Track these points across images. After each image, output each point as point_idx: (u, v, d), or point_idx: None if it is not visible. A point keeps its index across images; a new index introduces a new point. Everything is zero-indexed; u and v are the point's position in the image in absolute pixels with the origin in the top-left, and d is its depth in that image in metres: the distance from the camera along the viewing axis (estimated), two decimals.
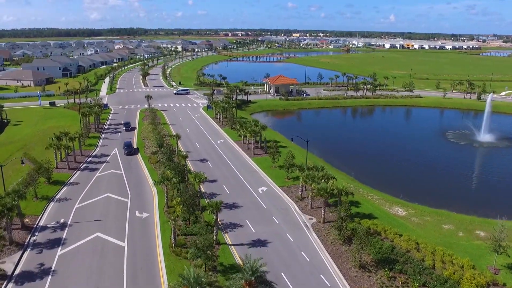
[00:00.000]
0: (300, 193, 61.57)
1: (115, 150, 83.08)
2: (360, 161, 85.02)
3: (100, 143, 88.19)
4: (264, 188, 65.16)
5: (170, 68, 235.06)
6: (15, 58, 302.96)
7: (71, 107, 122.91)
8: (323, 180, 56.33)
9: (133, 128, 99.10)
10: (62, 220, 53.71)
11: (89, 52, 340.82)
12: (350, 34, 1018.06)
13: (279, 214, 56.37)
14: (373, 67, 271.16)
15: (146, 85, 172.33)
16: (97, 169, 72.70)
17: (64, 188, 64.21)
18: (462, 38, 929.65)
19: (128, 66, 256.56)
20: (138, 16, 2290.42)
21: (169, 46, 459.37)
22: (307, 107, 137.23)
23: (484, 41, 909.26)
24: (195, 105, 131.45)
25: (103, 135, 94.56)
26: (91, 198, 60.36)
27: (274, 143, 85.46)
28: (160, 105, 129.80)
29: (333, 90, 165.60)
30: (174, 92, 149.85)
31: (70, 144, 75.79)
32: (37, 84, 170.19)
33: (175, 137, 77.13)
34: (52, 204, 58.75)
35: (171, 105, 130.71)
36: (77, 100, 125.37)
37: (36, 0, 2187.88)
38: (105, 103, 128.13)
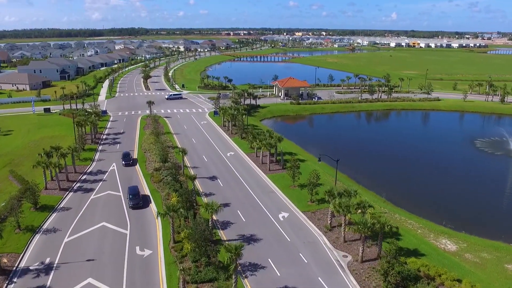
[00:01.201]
0: (329, 221, 52.37)
1: (113, 166, 74.02)
2: (387, 177, 75.77)
3: (96, 157, 79.14)
4: (285, 214, 55.99)
5: (173, 70, 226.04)
6: (13, 60, 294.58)
7: (67, 113, 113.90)
8: (359, 211, 47.17)
9: (134, 162, 75.74)
10: (47, 260, 44.72)
11: (89, 53, 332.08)
12: (353, 33, 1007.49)
13: (306, 249, 47.23)
14: (383, 67, 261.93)
15: (147, 88, 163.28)
16: (92, 189, 63.66)
17: (53, 215, 55.19)
18: (467, 36, 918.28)
19: (129, 68, 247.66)
20: (139, 16, 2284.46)
21: (171, 46, 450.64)
22: (320, 112, 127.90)
23: (489, 38, 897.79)
24: (200, 110, 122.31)
25: (100, 147, 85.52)
26: (83, 229, 51.33)
27: (291, 156, 76.67)
28: (163, 110, 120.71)
29: (345, 93, 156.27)
30: (166, 97, 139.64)
31: (61, 161, 66.85)
32: (33, 88, 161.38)
33: (180, 152, 67.90)
34: (37, 237, 49.74)
35: (175, 110, 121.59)
36: (74, 106, 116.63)
37: (38, 1, 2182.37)
38: (103, 109, 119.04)
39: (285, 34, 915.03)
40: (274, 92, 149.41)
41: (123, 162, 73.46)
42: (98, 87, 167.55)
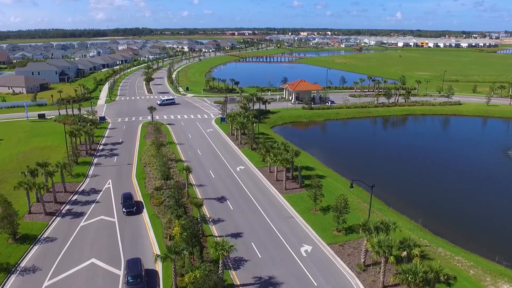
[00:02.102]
0: (362, 260, 43.49)
1: (109, 183, 65.50)
2: (419, 196, 66.65)
3: (90, 172, 70.61)
4: (309, 248, 47.17)
5: (176, 72, 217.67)
6: (13, 61, 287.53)
7: (62, 120, 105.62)
8: (404, 252, 38.31)
9: (139, 208, 56.32)
10: None
11: (91, 54, 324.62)
12: (358, 33, 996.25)
13: None
14: (394, 68, 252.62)
15: (149, 91, 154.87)
16: (82, 214, 55.13)
17: (34, 249, 46.73)
18: (474, 36, 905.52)
19: (132, 69, 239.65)
20: (143, 16, 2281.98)
21: (175, 46, 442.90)
22: (335, 118, 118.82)
23: (497, 38, 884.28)
24: (205, 116, 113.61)
25: (95, 160, 77.01)
26: (68, 268, 42.80)
27: (309, 171, 67.97)
28: (165, 116, 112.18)
29: (359, 96, 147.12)
30: (158, 102, 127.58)
31: (48, 180, 58.47)
32: (30, 91, 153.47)
33: (184, 171, 59.14)
34: (12, 279, 41.27)
35: (178, 116, 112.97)
36: (71, 111, 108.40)
37: (43, 1, 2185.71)
38: (102, 115, 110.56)
39: (290, 34, 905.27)
40: (284, 96, 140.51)
41: (124, 210, 54.18)
42: (98, 90, 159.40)
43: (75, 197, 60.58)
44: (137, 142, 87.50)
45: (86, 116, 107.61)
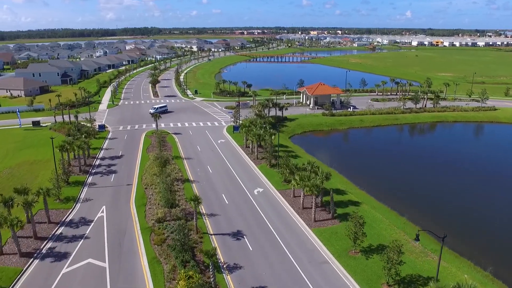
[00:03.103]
0: None
1: (103, 211, 54.83)
2: (484, 234, 54.84)
3: (82, 195, 60.00)
4: None
5: (184, 73, 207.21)
6: (17, 62, 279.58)
7: (58, 128, 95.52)
8: None
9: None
10: None
11: (97, 54, 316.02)
12: (369, 31, 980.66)
13: None
14: (413, 69, 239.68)
15: (155, 94, 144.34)
16: (66, 255, 44.47)
17: None
18: (489, 34, 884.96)
19: (138, 70, 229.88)
20: (152, 15, 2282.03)
21: (183, 46, 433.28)
22: (359, 126, 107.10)
23: None
24: (216, 124, 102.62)
25: (90, 179, 66.42)
26: None
27: (339, 194, 56.85)
28: (172, 124, 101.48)
29: (383, 100, 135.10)
30: (151, 111, 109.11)
31: (25, 214, 48.00)
32: (28, 94, 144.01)
33: (193, 202, 48.00)
34: None
35: (186, 124, 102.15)
36: (69, 118, 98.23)
37: (53, 1, 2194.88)
38: (101, 123, 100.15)
39: (300, 33, 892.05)
40: (301, 100, 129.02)
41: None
42: (101, 93, 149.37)
43: (60, 230, 49.95)
44: (138, 156, 76.73)
45: (84, 123, 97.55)
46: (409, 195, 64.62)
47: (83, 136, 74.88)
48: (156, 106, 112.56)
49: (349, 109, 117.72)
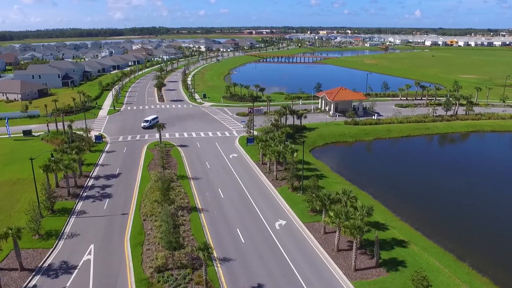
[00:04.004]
0: None
1: (90, 252, 44.31)
2: None
3: (67, 229, 49.52)
4: None
5: (192, 74, 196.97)
6: (21, 62, 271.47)
7: (51, 139, 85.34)
8: None
9: None
10: None
11: (103, 54, 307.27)
12: (379, 31, 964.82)
13: None
14: (432, 70, 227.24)
15: (161, 99, 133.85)
16: None
17: None
18: (502, 33, 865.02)
19: (144, 71, 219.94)
20: (161, 15, 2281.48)
21: (191, 46, 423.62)
22: (387, 136, 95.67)
23: None
24: (227, 133, 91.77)
25: (79, 205, 55.95)
26: None
27: (380, 229, 45.84)
28: (177, 134, 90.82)
29: (408, 106, 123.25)
30: (144, 124, 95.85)
31: None
32: (25, 97, 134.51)
33: (202, 252, 37.05)
34: None
35: (193, 134, 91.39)
36: (63, 127, 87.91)
37: (62, 1, 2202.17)
38: (99, 133, 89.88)
39: (309, 32, 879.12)
40: (320, 106, 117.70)
41: None
42: (103, 96, 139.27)
43: (34, 281, 39.48)
44: (138, 175, 66.13)
45: (81, 133, 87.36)
46: (465, 229, 53.24)
47: (74, 152, 64.35)
48: (149, 118, 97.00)
49: (373, 117, 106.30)
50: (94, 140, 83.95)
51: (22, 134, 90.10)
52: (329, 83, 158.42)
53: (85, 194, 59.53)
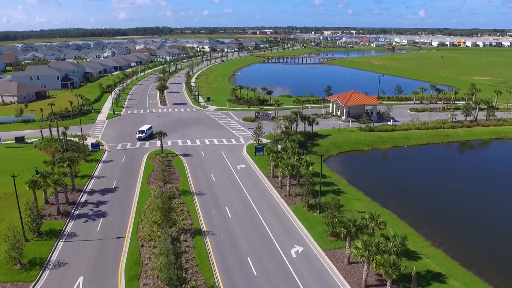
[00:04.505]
0: None
1: (78, 286, 38.09)
2: None
3: (54, 256, 43.42)
4: None
5: (196, 76, 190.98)
6: (22, 62, 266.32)
7: (44, 147, 79.37)
8: None
9: None
10: None
11: (105, 54, 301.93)
12: (384, 31, 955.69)
13: None
14: (443, 71, 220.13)
15: (163, 102, 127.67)
16: None
17: None
18: (510, 33, 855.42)
19: (146, 72, 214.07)
20: (165, 15, 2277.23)
21: (195, 46, 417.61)
22: (404, 144, 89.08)
23: None
24: (233, 141, 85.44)
25: (69, 225, 49.90)
26: None
27: (411, 257, 39.44)
28: (180, 142, 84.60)
29: (424, 110, 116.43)
30: (140, 136, 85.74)
31: None
32: (22, 100, 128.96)
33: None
34: None
35: (197, 142, 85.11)
36: (57, 133, 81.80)
37: (66, 2, 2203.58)
38: (96, 141, 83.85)
39: (313, 32, 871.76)
40: (331, 111, 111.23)
41: None
42: (103, 99, 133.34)
43: None
44: (136, 190, 59.98)
45: (78, 140, 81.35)
46: (509, 256, 46.74)
47: (66, 164, 58.26)
48: (144, 129, 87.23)
49: (388, 123, 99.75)
50: (90, 148, 77.90)
51: (14, 141, 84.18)
52: (338, 86, 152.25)
53: (77, 212, 53.45)
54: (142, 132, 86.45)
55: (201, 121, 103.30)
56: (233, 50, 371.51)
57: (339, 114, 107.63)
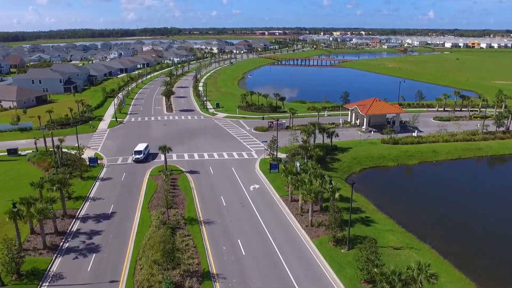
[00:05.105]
0: None
1: None
2: None
3: None
4: None
5: (204, 80, 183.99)
6: (27, 64, 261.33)
7: (37, 161, 72.42)
8: None
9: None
10: None
11: (112, 56, 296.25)
12: (394, 32, 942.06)
13: None
14: (462, 75, 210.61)
15: (169, 108, 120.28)
16: None
17: None
18: None
19: (153, 74, 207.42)
20: (173, 16, 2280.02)
21: (203, 47, 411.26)
22: (433, 159, 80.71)
23: None
24: (245, 155, 77.68)
25: (56, 263, 42.61)
26: None
27: None
28: (186, 156, 77.06)
29: (448, 119, 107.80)
30: (136, 157, 72.87)
31: None
32: (22, 105, 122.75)
33: None
34: None
35: (205, 155, 77.46)
36: (52, 144, 74.67)
37: (76, 2, 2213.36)
38: (94, 153, 76.70)
39: (322, 33, 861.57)
40: (349, 120, 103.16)
41: None
42: (106, 104, 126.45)
43: None
44: (136, 216, 52.55)
45: (75, 153, 74.14)
46: None
47: (56, 187, 51.01)
48: (141, 148, 73.96)
49: (413, 134, 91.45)
50: (87, 163, 70.72)
51: (6, 153, 77.37)
52: (353, 90, 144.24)
53: (67, 244, 46.16)
54: (139, 152, 73.23)
55: (210, 130, 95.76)
56: (242, 52, 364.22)
57: (358, 124, 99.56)
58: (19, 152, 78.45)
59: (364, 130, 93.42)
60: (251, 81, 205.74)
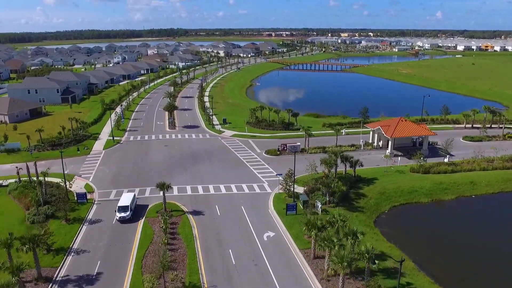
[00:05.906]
0: None
1: None
2: None
3: None
4: None
5: (209, 89, 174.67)
6: (29, 69, 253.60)
7: (18, 196, 63.15)
8: None
9: None
10: None
11: (115, 60, 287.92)
12: (403, 33, 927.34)
13: None
14: (482, 82, 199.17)
15: (172, 124, 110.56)
16: None
17: None
18: None
19: (156, 82, 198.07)
20: (179, 16, 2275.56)
21: (209, 50, 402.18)
22: (471, 193, 70.29)
23: None
24: (256, 188, 67.77)
25: None
26: None
27: None
28: (189, 188, 67.26)
29: (480, 139, 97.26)
30: (119, 216, 54.91)
31: None
32: (14, 119, 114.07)
33: None
34: None
35: (211, 189, 67.53)
36: (36, 175, 65.22)
37: (84, 3, 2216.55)
38: (84, 185, 67.23)
39: (330, 35, 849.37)
40: (371, 141, 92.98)
41: None
42: (105, 118, 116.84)
43: None
44: (126, 281, 42.91)
45: (61, 183, 64.76)
46: None
47: (26, 248, 41.49)
48: (127, 203, 56.20)
49: (444, 159, 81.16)
50: (75, 199, 61.35)
51: None
52: (369, 99, 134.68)
53: None
54: (124, 209, 55.60)
55: (216, 154, 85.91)
56: (249, 56, 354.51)
57: (381, 146, 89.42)
58: (1, 182, 69.21)
59: (389, 154, 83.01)
60: (259, 88, 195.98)
